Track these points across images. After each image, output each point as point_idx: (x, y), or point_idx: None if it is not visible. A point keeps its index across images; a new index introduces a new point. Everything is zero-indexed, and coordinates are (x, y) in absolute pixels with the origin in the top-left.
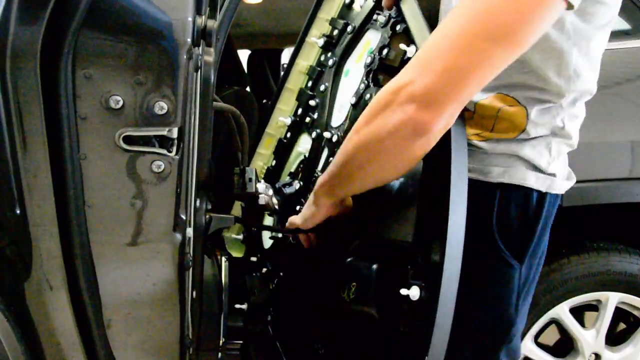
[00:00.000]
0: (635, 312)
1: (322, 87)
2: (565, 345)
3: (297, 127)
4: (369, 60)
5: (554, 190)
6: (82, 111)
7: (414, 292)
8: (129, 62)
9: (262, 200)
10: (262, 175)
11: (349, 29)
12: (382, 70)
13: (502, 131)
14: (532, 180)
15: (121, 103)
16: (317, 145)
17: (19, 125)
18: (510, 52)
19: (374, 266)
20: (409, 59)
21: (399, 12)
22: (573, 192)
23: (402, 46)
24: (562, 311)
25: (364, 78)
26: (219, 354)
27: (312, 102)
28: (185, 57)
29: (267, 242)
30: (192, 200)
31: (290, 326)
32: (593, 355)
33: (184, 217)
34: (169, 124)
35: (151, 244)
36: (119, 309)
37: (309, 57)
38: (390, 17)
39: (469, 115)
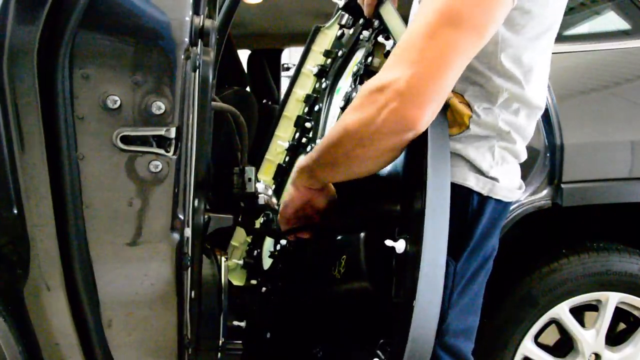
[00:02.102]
0: (635, 312)
1: (316, 108)
2: (565, 345)
3: (294, 150)
4: (355, 68)
5: (496, 196)
6: (80, 111)
7: (399, 245)
8: (126, 61)
9: (262, 200)
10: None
11: (340, 53)
12: (368, 75)
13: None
14: (473, 182)
15: (119, 103)
16: None
17: (17, 125)
18: (474, 37)
19: (361, 234)
20: (389, 52)
21: (380, 21)
22: (573, 192)
23: (381, 39)
24: (562, 311)
25: (352, 85)
26: (219, 354)
27: (307, 125)
28: (182, 57)
29: (267, 263)
30: (191, 200)
31: (289, 335)
32: (593, 355)
33: (182, 217)
34: (166, 124)
35: (149, 244)
36: (119, 309)
37: (305, 86)
38: (373, 29)
39: None
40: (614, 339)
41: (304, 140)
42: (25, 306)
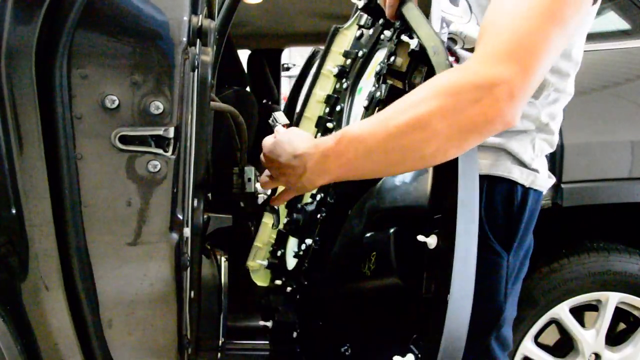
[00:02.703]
0: (635, 312)
1: (337, 108)
2: (565, 345)
3: None
4: (378, 68)
5: (536, 186)
6: (78, 111)
7: (431, 241)
8: (124, 61)
9: (261, 199)
10: (286, 202)
11: (360, 54)
12: (390, 74)
13: None
14: (517, 174)
15: (117, 103)
16: None
17: (15, 125)
18: (566, 37)
19: (391, 230)
20: (414, 51)
21: (402, 21)
22: (573, 192)
23: (405, 38)
24: (562, 311)
25: (375, 83)
26: (218, 354)
27: (329, 125)
28: (181, 56)
29: (291, 263)
30: (190, 200)
31: (316, 334)
32: (593, 355)
33: (181, 217)
34: (165, 124)
35: (148, 244)
36: (118, 309)
37: (325, 87)
38: (395, 29)
39: None
40: (614, 339)
41: None
42: (24, 306)
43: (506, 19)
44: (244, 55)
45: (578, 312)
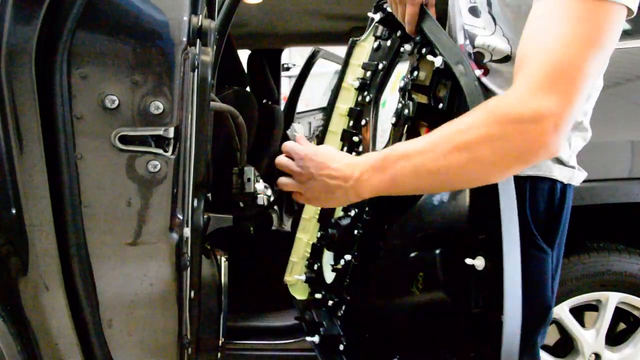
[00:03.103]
0: (635, 312)
1: (363, 122)
2: (565, 345)
3: None
4: (402, 84)
5: (573, 182)
6: (78, 111)
7: (478, 262)
8: (124, 61)
9: (261, 200)
10: (317, 216)
11: (380, 66)
12: (415, 89)
13: None
14: (557, 172)
15: (117, 103)
16: None
17: (15, 125)
18: (604, 62)
19: (437, 251)
20: (438, 69)
21: (422, 36)
22: (573, 192)
23: (430, 57)
24: (562, 311)
25: (400, 99)
26: (218, 354)
27: (355, 139)
28: (181, 56)
29: (329, 277)
30: (190, 200)
31: (363, 347)
32: (593, 355)
33: (181, 217)
34: (165, 124)
35: (148, 244)
36: (119, 309)
37: (347, 100)
38: (415, 43)
39: None
40: (614, 339)
41: (353, 154)
42: (24, 306)
43: (547, 47)
44: (244, 55)
45: (578, 312)
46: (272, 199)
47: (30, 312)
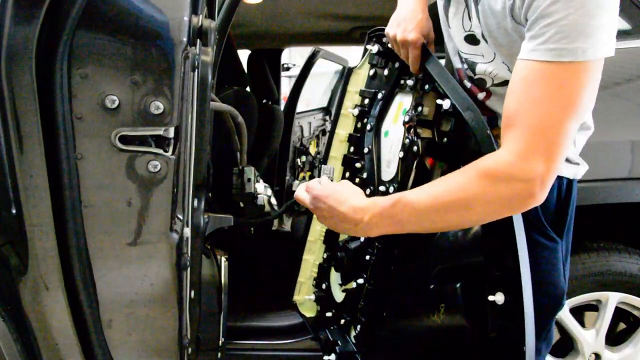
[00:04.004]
0: (635, 312)
1: (365, 150)
2: (565, 345)
3: None
4: (406, 118)
5: (577, 177)
6: (78, 111)
7: (499, 298)
8: (124, 61)
9: (261, 200)
10: (323, 238)
11: (380, 96)
12: (420, 124)
13: None
14: (564, 170)
15: (117, 103)
16: None
17: (15, 125)
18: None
19: (457, 284)
20: (446, 111)
21: (425, 73)
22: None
23: (439, 101)
24: (562, 311)
25: (406, 134)
26: (219, 354)
27: (357, 165)
28: (181, 56)
29: (339, 296)
30: (190, 200)
31: None
32: (593, 355)
33: (181, 217)
34: (165, 124)
35: (148, 244)
36: (119, 309)
37: (346, 126)
38: (417, 79)
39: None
40: (614, 339)
41: (357, 180)
42: (24, 306)
43: (529, 114)
44: (244, 55)
45: (578, 312)
46: (272, 199)
47: (30, 312)
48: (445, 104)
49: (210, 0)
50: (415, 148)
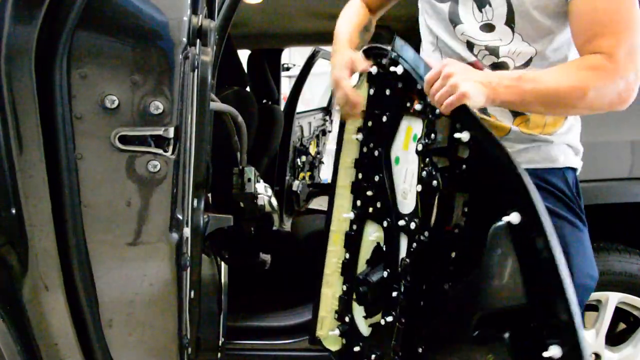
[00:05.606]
0: (635, 312)
1: (376, 178)
2: None
3: (360, 219)
4: (420, 147)
5: (580, 166)
6: (78, 111)
7: (555, 352)
8: (124, 61)
9: (261, 200)
10: (340, 270)
11: (384, 118)
12: (436, 154)
13: (551, 125)
14: (577, 162)
15: (117, 103)
16: (392, 233)
17: (15, 125)
18: None
19: (506, 335)
20: (463, 142)
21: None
22: None
23: (457, 135)
24: None
25: (422, 165)
26: (219, 354)
27: (369, 193)
28: (181, 56)
29: (365, 330)
30: (190, 200)
31: None
32: (593, 356)
33: (181, 217)
34: (165, 124)
35: (148, 244)
36: (119, 309)
37: (351, 152)
38: (426, 104)
39: (525, 119)
40: (614, 339)
41: (370, 210)
42: (24, 306)
43: (619, 29)
44: (244, 55)
45: None
46: (272, 199)
47: (30, 312)
48: (465, 136)
49: (210, 0)
50: (435, 183)
